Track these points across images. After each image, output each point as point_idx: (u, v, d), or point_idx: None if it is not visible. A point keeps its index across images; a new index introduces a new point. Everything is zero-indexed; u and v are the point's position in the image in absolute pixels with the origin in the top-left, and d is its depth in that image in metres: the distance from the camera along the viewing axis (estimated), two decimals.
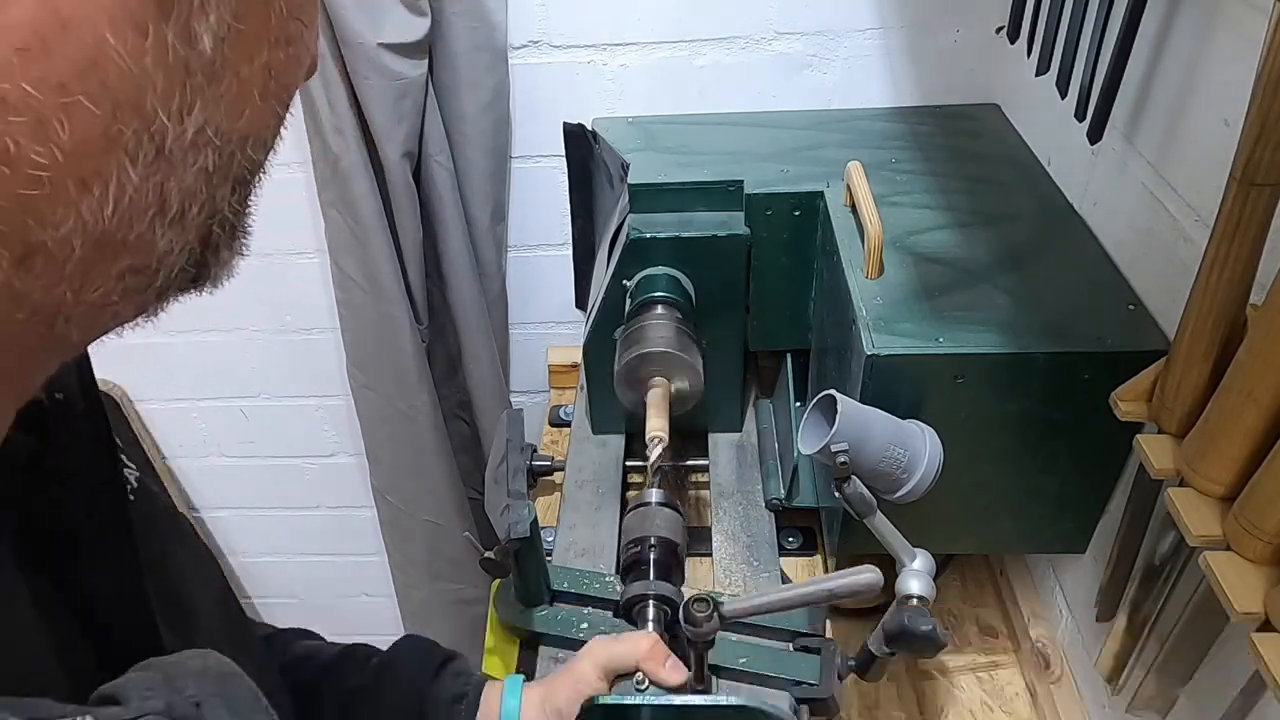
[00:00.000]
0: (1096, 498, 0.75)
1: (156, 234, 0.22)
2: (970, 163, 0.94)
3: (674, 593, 0.62)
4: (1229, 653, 0.58)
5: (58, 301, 0.21)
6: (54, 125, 0.19)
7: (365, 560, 1.66)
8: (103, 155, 0.20)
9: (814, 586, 0.61)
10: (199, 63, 0.21)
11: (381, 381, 1.24)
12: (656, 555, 0.64)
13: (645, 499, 0.73)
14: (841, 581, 0.59)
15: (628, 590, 0.63)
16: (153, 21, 0.20)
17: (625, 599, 0.62)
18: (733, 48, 1.07)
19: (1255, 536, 0.48)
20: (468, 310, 1.21)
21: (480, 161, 1.13)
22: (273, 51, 0.23)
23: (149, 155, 0.21)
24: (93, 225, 0.20)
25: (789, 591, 0.62)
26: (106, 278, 0.22)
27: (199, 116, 0.21)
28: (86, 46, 0.19)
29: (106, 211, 0.20)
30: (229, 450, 1.51)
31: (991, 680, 0.88)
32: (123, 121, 0.20)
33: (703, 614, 0.58)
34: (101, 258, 0.21)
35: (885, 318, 0.70)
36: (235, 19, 0.21)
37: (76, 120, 0.19)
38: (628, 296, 0.91)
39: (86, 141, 0.19)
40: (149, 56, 0.20)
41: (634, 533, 0.65)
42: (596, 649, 0.63)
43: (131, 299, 0.23)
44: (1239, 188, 0.47)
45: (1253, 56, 0.45)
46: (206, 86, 0.21)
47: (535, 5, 1.05)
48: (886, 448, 0.65)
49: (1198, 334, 0.52)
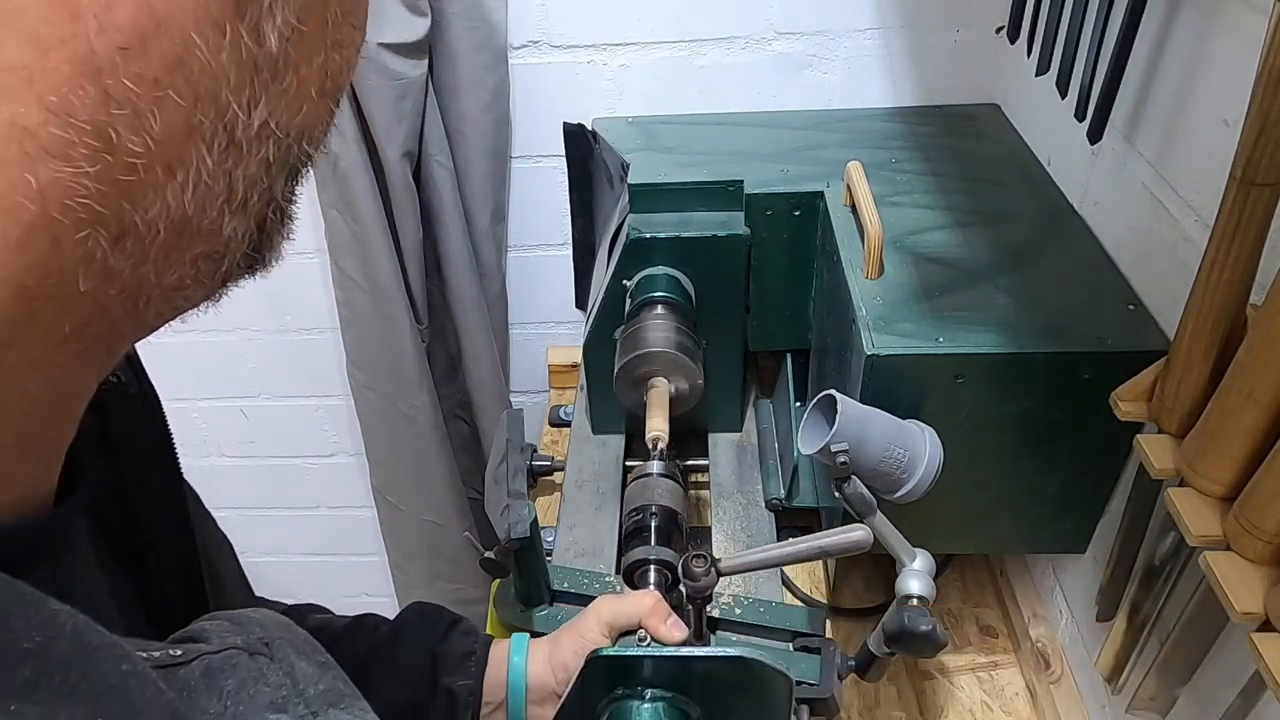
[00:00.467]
0: (1096, 498, 0.75)
1: (224, 220, 0.24)
2: (970, 163, 0.94)
3: (674, 557, 0.64)
4: (1229, 653, 0.58)
5: (142, 281, 0.23)
6: (148, 116, 0.21)
7: (365, 560, 1.66)
8: (185, 144, 0.22)
9: (807, 544, 0.63)
10: (266, 60, 0.23)
11: (381, 382, 1.24)
12: (657, 522, 0.66)
13: (646, 470, 0.74)
14: (833, 539, 0.61)
15: (629, 555, 0.65)
16: (230, 21, 0.22)
17: (627, 563, 0.65)
18: (733, 48, 1.07)
19: (1255, 536, 0.48)
20: (468, 310, 1.21)
21: (480, 161, 1.13)
22: (329, 54, 0.25)
23: (222, 144, 0.23)
24: (175, 210, 0.22)
25: (783, 548, 0.64)
26: (183, 262, 0.24)
27: (264, 110, 0.23)
28: (176, 45, 0.21)
29: (186, 197, 0.22)
30: (229, 450, 1.51)
31: (991, 680, 0.88)
32: (203, 113, 0.22)
33: (700, 569, 0.61)
34: (180, 242, 0.23)
35: (885, 318, 0.70)
36: (298, 21, 0.23)
37: (166, 112, 0.21)
38: (628, 296, 0.91)
39: (173, 131, 0.21)
40: (225, 53, 0.22)
41: (635, 501, 0.68)
42: (601, 607, 0.65)
43: (202, 283, 0.25)
44: (1239, 188, 0.47)
45: (1253, 56, 0.45)
46: (271, 82, 0.23)
47: (535, 5, 1.05)
48: (886, 448, 0.65)
49: (1198, 334, 0.52)
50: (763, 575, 0.91)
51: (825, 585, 0.95)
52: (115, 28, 0.20)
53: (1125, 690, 0.68)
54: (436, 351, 1.27)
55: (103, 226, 0.21)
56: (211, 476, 1.55)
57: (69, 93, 0.19)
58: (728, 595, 0.84)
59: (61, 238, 0.20)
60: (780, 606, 0.83)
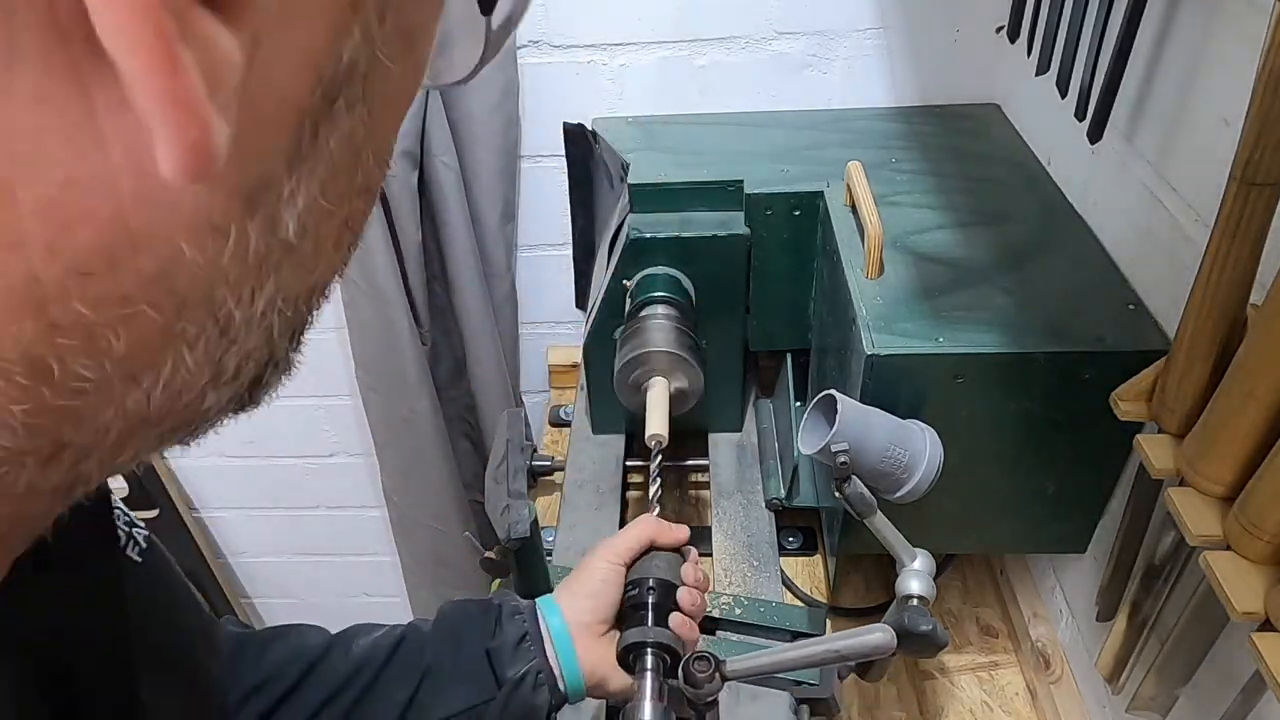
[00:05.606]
0: (1097, 498, 0.75)
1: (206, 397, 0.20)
2: (970, 163, 0.94)
3: (673, 639, 0.60)
4: (1229, 653, 0.58)
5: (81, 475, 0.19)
6: (108, 339, 0.17)
7: (365, 560, 1.66)
8: (159, 352, 0.18)
9: (822, 646, 0.59)
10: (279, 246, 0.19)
11: (384, 384, 1.24)
12: (655, 599, 0.61)
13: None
14: (850, 642, 0.58)
15: (624, 637, 0.60)
16: (236, 222, 0.18)
17: (621, 646, 0.60)
18: (733, 48, 1.07)
19: (1255, 536, 0.48)
20: (472, 313, 1.20)
21: (489, 160, 1.13)
22: (353, 203, 0.21)
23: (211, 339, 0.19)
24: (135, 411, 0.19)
25: (795, 651, 0.60)
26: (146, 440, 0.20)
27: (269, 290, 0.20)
28: (160, 259, 0.17)
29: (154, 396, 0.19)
30: (229, 450, 1.51)
31: (991, 680, 0.88)
32: (187, 319, 0.18)
33: (703, 673, 0.56)
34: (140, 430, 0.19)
35: (885, 318, 0.70)
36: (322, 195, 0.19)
37: (135, 328, 0.17)
38: (628, 296, 0.91)
39: (143, 345, 0.18)
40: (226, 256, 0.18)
41: (630, 575, 0.63)
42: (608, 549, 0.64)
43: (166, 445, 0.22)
44: (1239, 188, 0.47)
45: (1253, 56, 0.45)
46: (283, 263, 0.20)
47: (535, 5, 1.05)
48: (887, 448, 0.65)
49: (1198, 334, 0.52)
50: (763, 575, 0.92)
51: (825, 585, 0.95)
52: (73, 251, 0.16)
53: (1125, 690, 0.68)
54: (442, 354, 1.27)
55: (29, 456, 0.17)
56: (211, 476, 1.55)
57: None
58: (727, 595, 0.84)
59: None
60: (780, 606, 0.83)
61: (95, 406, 0.18)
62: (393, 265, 1.13)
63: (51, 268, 0.16)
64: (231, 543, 1.65)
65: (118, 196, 0.16)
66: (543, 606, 0.62)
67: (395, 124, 0.22)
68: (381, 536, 1.57)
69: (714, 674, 0.57)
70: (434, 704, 0.57)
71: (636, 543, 0.65)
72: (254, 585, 1.73)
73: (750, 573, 0.92)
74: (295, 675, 0.56)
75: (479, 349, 1.24)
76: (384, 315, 1.16)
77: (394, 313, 1.16)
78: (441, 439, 1.28)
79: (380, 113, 0.20)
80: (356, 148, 0.20)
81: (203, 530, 1.61)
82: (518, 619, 0.60)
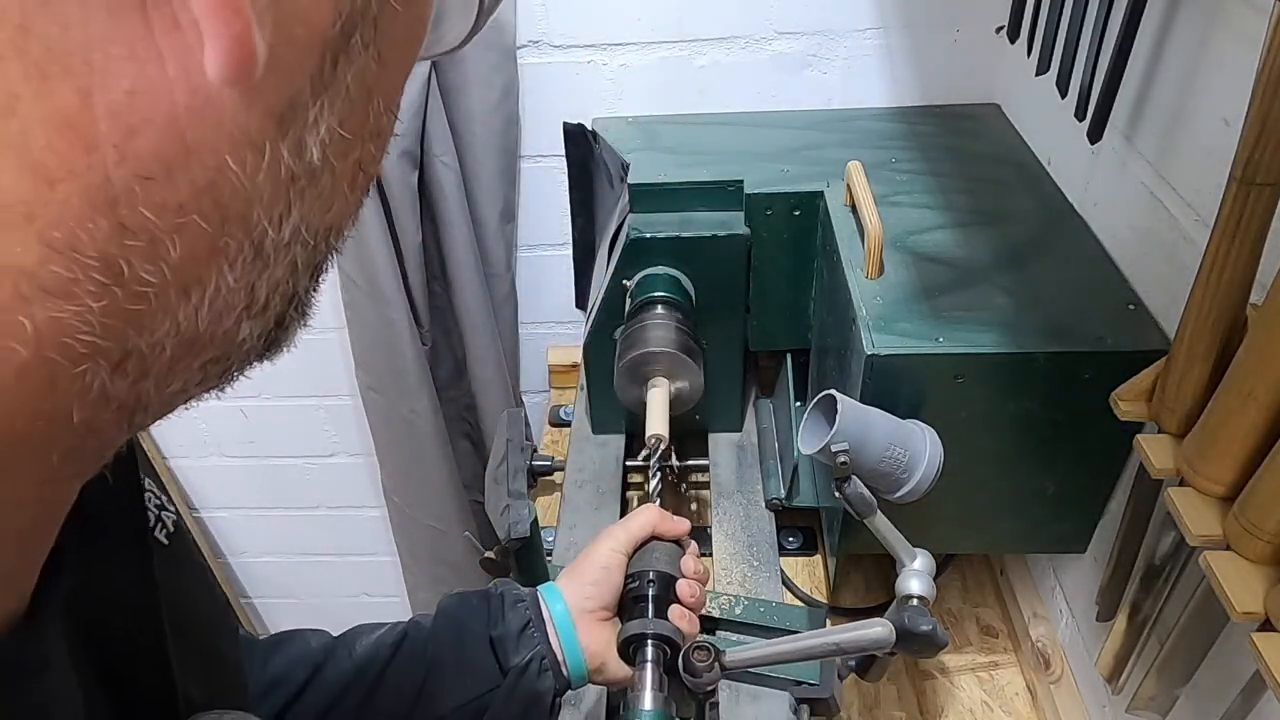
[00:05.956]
0: (1096, 498, 0.75)
1: (241, 326, 0.22)
2: (970, 163, 0.94)
3: (673, 631, 0.60)
4: (1229, 653, 0.58)
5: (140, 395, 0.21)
6: (166, 245, 0.19)
7: (365, 560, 1.66)
8: (206, 265, 0.20)
9: (821, 639, 0.59)
10: (303, 170, 0.21)
11: (384, 384, 1.24)
12: (655, 591, 0.62)
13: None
14: (849, 635, 0.58)
15: (625, 629, 0.61)
16: (270, 141, 0.20)
17: (622, 637, 0.61)
18: (733, 48, 1.07)
19: (1255, 536, 0.48)
20: (473, 313, 1.20)
21: (490, 160, 1.13)
22: (365, 146, 0.24)
23: (248, 258, 0.21)
24: (186, 328, 0.21)
25: (795, 643, 0.60)
26: (189, 371, 0.22)
27: (295, 217, 0.22)
28: (207, 170, 0.19)
29: (201, 314, 0.21)
30: (229, 450, 1.51)
31: (991, 680, 0.88)
32: (229, 234, 0.20)
33: (703, 662, 0.57)
34: (187, 354, 0.21)
35: (885, 317, 0.70)
36: (340, 125, 0.22)
37: (187, 238, 0.19)
38: (628, 296, 0.91)
39: (193, 256, 0.20)
40: (262, 174, 0.20)
41: (631, 567, 0.64)
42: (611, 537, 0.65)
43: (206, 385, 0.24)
44: (1239, 187, 0.47)
45: (1253, 56, 0.45)
46: (307, 189, 0.22)
47: (535, 5, 1.05)
48: (887, 448, 0.65)
49: (1198, 334, 0.52)
50: (763, 575, 0.92)
51: (825, 585, 0.95)
52: (137, 157, 0.18)
53: (1125, 690, 0.68)
54: (443, 355, 1.27)
55: (103, 357, 0.19)
56: (211, 476, 1.55)
57: (76, 228, 0.18)
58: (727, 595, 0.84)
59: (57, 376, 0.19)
60: (780, 606, 0.83)
61: (155, 315, 0.20)
62: (393, 265, 1.13)
63: (120, 170, 0.18)
64: (231, 543, 1.65)
65: (173, 107, 0.18)
66: (545, 593, 0.63)
67: (402, 74, 0.25)
68: (381, 536, 1.57)
69: (713, 663, 0.57)
70: (441, 695, 0.58)
71: (639, 531, 0.65)
72: (254, 585, 1.73)
73: (750, 573, 0.92)
74: (301, 679, 0.57)
75: (479, 349, 1.24)
76: (384, 315, 1.16)
77: (394, 313, 1.16)
78: (441, 439, 1.28)
79: (389, 57, 0.23)
80: (369, 87, 0.23)
81: (203, 530, 1.61)
82: (520, 607, 0.61)
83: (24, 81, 0.17)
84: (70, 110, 0.17)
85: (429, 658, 0.59)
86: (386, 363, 1.21)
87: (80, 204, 0.18)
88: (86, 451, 0.21)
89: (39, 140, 0.17)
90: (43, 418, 0.19)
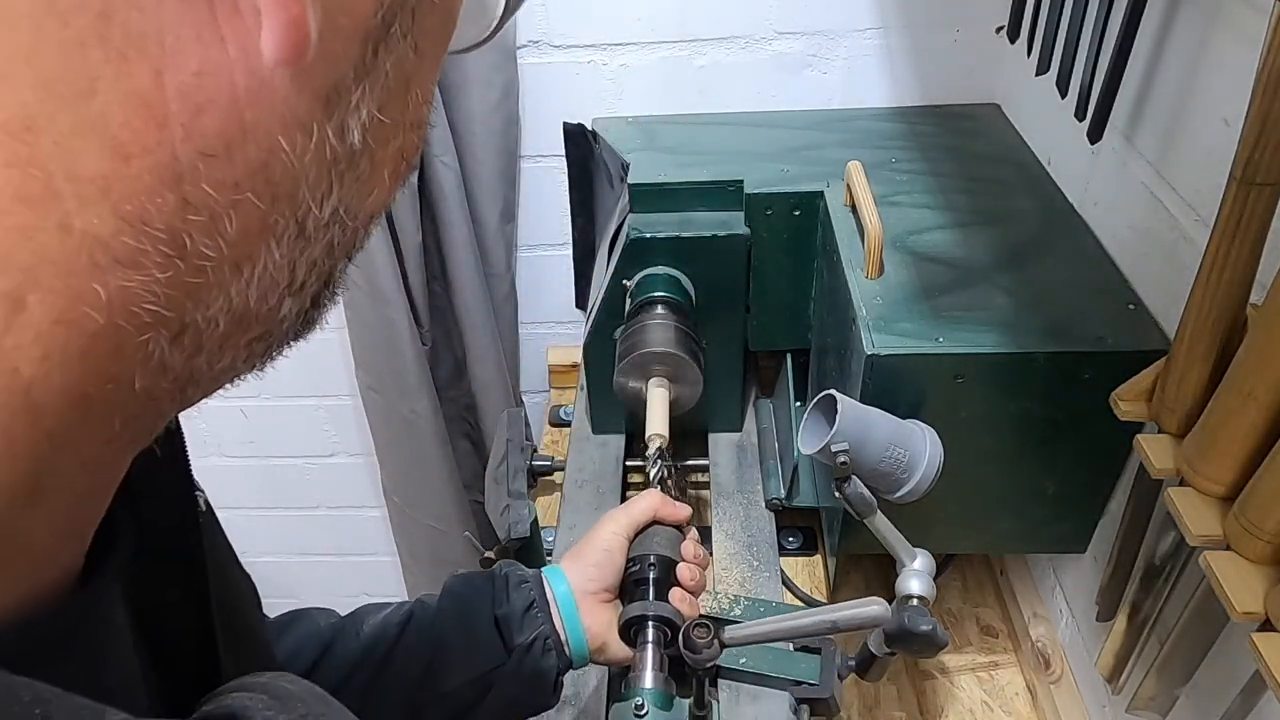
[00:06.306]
0: (1096, 498, 0.75)
1: (282, 305, 0.24)
2: (970, 163, 0.94)
3: (674, 613, 0.62)
4: (1229, 653, 0.58)
5: (194, 370, 0.22)
6: (224, 220, 0.20)
7: (365, 560, 1.66)
8: (257, 242, 0.22)
9: (818, 618, 0.60)
10: (345, 153, 0.23)
11: (384, 384, 1.24)
12: (656, 574, 0.63)
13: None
14: (846, 613, 0.58)
15: (626, 611, 0.62)
16: (317, 123, 0.22)
17: (624, 619, 0.62)
18: (733, 48, 1.07)
19: (1255, 536, 0.48)
20: (473, 313, 1.20)
21: (490, 160, 1.13)
22: (406, 135, 0.25)
23: (292, 236, 0.23)
24: (238, 303, 0.22)
25: (792, 621, 0.61)
26: (236, 348, 0.23)
27: (335, 198, 0.23)
28: (262, 150, 0.21)
29: (250, 290, 0.22)
30: (229, 450, 1.51)
31: (991, 680, 0.88)
32: (279, 212, 0.22)
33: (703, 640, 0.58)
34: (237, 330, 0.23)
35: (885, 317, 0.70)
36: (379, 111, 0.23)
37: (242, 214, 0.21)
38: (628, 296, 0.91)
39: (247, 232, 0.21)
40: (309, 154, 0.22)
41: (632, 551, 0.65)
42: (613, 521, 0.67)
43: (251, 363, 0.25)
44: (1239, 187, 0.47)
45: (1253, 56, 0.45)
46: (347, 172, 0.23)
47: (535, 5, 1.05)
48: (887, 448, 0.65)
49: (1198, 334, 0.52)
50: (763, 575, 0.92)
51: (825, 585, 0.95)
52: (201, 135, 0.19)
53: (1125, 690, 0.68)
54: (442, 354, 1.27)
55: (164, 327, 0.21)
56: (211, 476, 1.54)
57: (146, 201, 0.19)
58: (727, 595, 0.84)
59: (124, 343, 0.20)
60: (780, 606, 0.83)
61: (211, 289, 0.21)
62: (393, 265, 1.13)
63: (186, 147, 0.19)
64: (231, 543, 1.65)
65: (233, 89, 0.20)
66: (549, 575, 0.64)
67: (436, 64, 0.26)
68: (381, 536, 1.57)
69: (713, 640, 0.58)
70: (447, 673, 0.59)
71: (641, 515, 0.67)
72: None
73: (750, 573, 0.92)
74: (310, 659, 0.58)
75: (479, 349, 1.24)
76: (384, 315, 1.16)
77: (394, 313, 1.16)
78: (441, 439, 1.28)
79: (424, 47, 0.24)
80: (406, 76, 0.24)
81: None
82: (524, 588, 0.62)
83: (105, 64, 0.18)
84: (145, 90, 0.18)
85: (436, 636, 0.60)
86: (386, 363, 1.21)
87: (151, 179, 0.19)
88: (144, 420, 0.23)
89: (117, 118, 0.18)
90: (111, 381, 0.20)
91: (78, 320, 0.19)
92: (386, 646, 0.60)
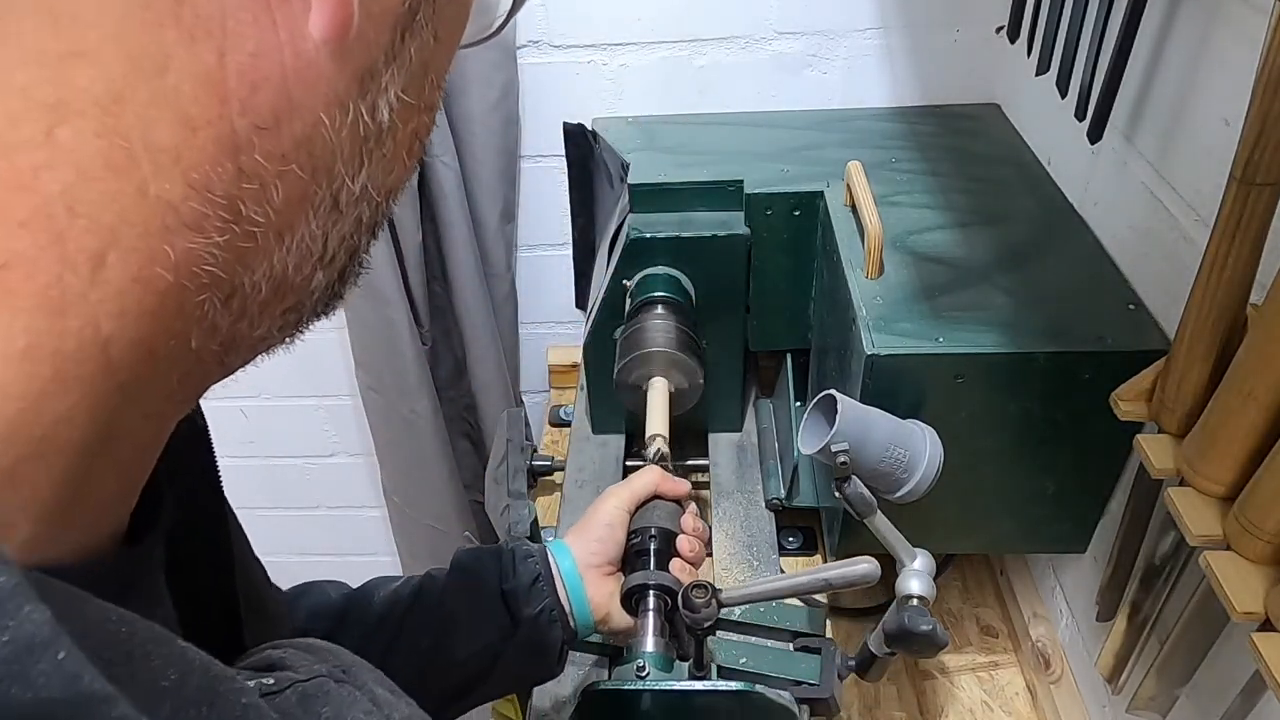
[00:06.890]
0: (1096, 498, 0.75)
1: (314, 276, 0.26)
2: (970, 163, 0.94)
3: (674, 582, 0.64)
4: (1229, 653, 0.58)
5: (238, 334, 0.24)
6: (272, 189, 0.23)
7: (366, 561, 1.66)
8: (297, 211, 0.24)
9: (811, 576, 0.62)
10: (374, 131, 0.25)
11: (384, 384, 1.24)
12: (656, 545, 0.66)
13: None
14: (838, 572, 0.61)
15: (628, 580, 0.64)
16: (354, 101, 0.24)
17: (625, 588, 0.64)
18: (733, 48, 1.07)
19: (1255, 536, 0.48)
20: (473, 313, 1.20)
21: (490, 160, 1.13)
22: (421, 117, 0.27)
23: (327, 208, 0.25)
24: (278, 271, 0.24)
25: (786, 580, 0.63)
26: (273, 316, 0.25)
27: (364, 175, 0.25)
28: (306, 125, 0.23)
29: (290, 259, 0.24)
30: (229, 450, 1.50)
31: (991, 680, 0.88)
32: (317, 183, 0.24)
33: (701, 600, 0.60)
34: (275, 298, 0.25)
35: (885, 317, 0.70)
36: (404, 92, 0.25)
37: (287, 184, 0.23)
38: (628, 296, 0.91)
39: (290, 201, 0.23)
40: (346, 130, 0.24)
41: (634, 524, 0.67)
42: (615, 496, 0.68)
43: (284, 333, 0.27)
44: (1239, 187, 0.47)
45: (1253, 56, 0.45)
46: (375, 149, 0.25)
47: (535, 5, 1.05)
48: (887, 448, 0.65)
49: (1198, 334, 0.52)
50: (763, 574, 0.91)
51: None
52: (255, 110, 0.21)
53: (1125, 690, 0.68)
54: (442, 354, 1.27)
55: (218, 289, 0.22)
56: None
57: (210, 169, 0.21)
58: None
59: (185, 302, 0.22)
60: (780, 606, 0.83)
61: (258, 255, 0.23)
62: (393, 265, 1.13)
63: (243, 121, 0.21)
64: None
65: (283, 68, 0.22)
66: (554, 549, 0.65)
67: (451, 52, 0.28)
68: (381, 536, 1.57)
69: (711, 599, 0.60)
70: (456, 644, 0.61)
71: (642, 490, 0.69)
72: None
73: (750, 573, 0.92)
74: (324, 630, 0.59)
75: (479, 349, 1.24)
76: (384, 315, 1.16)
77: (394, 313, 1.16)
78: (441, 439, 1.28)
79: (442, 35, 0.27)
80: (426, 61, 0.26)
81: None
82: (530, 562, 0.64)
83: (178, 44, 0.20)
84: (210, 68, 0.21)
85: (445, 609, 0.62)
86: (386, 363, 1.21)
87: (214, 149, 0.21)
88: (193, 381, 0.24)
89: (187, 93, 0.20)
90: (175, 338, 0.22)
91: (151, 279, 0.20)
92: (397, 618, 0.62)
